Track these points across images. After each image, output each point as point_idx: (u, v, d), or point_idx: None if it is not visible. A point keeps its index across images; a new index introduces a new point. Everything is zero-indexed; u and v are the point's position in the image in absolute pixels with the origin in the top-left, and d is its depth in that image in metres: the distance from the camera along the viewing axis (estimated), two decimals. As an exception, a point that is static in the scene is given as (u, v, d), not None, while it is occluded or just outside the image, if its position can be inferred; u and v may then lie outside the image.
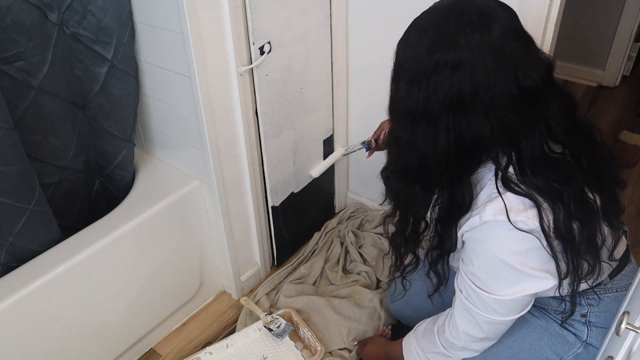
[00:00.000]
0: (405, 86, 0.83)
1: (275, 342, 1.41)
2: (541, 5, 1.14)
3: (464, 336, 0.99)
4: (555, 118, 0.83)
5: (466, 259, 0.92)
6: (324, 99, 1.57)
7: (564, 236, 0.82)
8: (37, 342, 1.16)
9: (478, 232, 0.86)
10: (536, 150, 0.82)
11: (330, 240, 1.71)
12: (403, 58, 0.84)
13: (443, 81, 0.78)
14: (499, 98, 0.78)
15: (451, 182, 0.86)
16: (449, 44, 0.77)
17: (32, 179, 1.17)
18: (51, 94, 1.21)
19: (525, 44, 0.81)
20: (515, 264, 0.84)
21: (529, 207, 0.81)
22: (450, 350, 1.05)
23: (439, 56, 0.78)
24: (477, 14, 0.78)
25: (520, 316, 0.93)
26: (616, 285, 1.02)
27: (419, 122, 0.83)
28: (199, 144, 1.29)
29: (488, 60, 0.76)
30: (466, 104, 0.78)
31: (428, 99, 0.80)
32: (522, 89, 0.78)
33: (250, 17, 1.20)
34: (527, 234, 0.81)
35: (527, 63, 0.79)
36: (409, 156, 0.86)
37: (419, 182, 0.90)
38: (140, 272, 1.34)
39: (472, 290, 0.92)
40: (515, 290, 0.87)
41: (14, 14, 1.07)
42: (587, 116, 2.50)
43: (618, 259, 0.99)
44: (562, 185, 0.82)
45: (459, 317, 0.99)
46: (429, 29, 0.80)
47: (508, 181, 0.83)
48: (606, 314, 1.01)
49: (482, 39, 0.76)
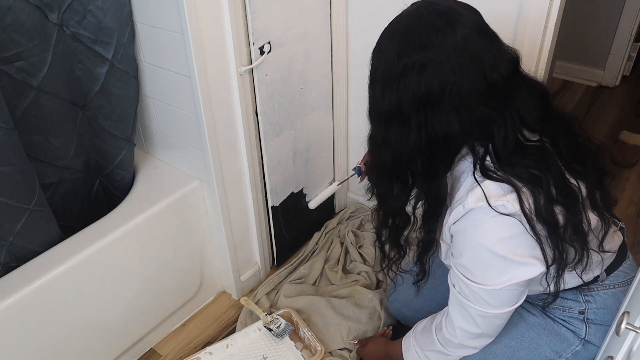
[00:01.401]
0: (379, 90, 0.88)
1: (275, 342, 1.41)
2: (541, 5, 1.14)
3: (460, 332, 1.00)
4: (527, 108, 0.87)
5: (455, 251, 0.93)
6: (324, 99, 1.57)
7: (546, 220, 0.83)
8: (37, 342, 1.16)
9: (463, 221, 0.88)
10: (510, 140, 0.85)
11: (330, 240, 1.71)
12: (377, 64, 0.89)
13: (411, 82, 0.83)
14: (467, 93, 0.82)
15: (427, 177, 0.91)
16: (415, 47, 0.82)
17: (32, 179, 1.17)
18: (51, 94, 1.21)
19: (489, 40, 0.84)
20: (501, 251, 0.85)
21: (508, 191, 0.84)
22: (447, 348, 1.05)
23: (406, 59, 0.83)
24: (439, 17, 0.83)
25: (513, 309, 0.93)
26: (614, 282, 1.02)
27: (392, 121, 0.88)
28: (199, 144, 1.29)
29: (453, 58, 0.80)
30: (435, 102, 0.83)
31: (400, 100, 0.85)
32: (489, 83, 0.82)
33: (250, 17, 1.20)
34: (509, 218, 0.83)
35: (492, 58, 0.83)
36: (384, 154, 0.91)
37: (395, 178, 0.94)
38: (140, 272, 1.34)
39: (463, 283, 0.93)
40: (504, 279, 0.87)
41: (14, 14, 1.07)
42: (587, 116, 2.50)
43: (609, 250, 0.99)
44: (540, 171, 0.85)
45: (454, 313, 0.99)
46: (396, 34, 0.85)
47: (486, 170, 0.86)
48: (604, 311, 1.02)
49: (446, 39, 0.81)
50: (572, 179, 0.89)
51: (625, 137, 2.22)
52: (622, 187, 2.01)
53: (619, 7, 2.51)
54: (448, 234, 0.93)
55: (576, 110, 2.55)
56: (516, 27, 1.20)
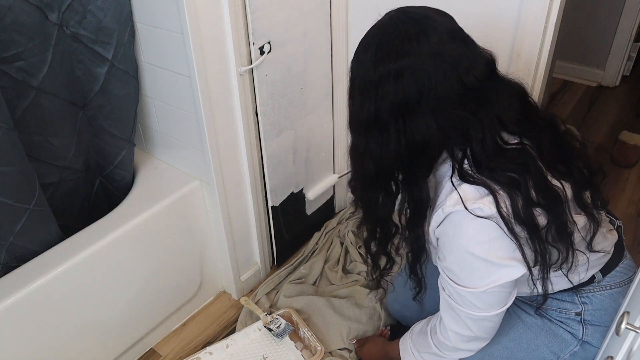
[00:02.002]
0: (358, 99, 0.89)
1: (275, 342, 1.41)
2: (541, 5, 1.14)
3: (453, 335, 1.00)
4: (505, 110, 0.87)
5: (440, 254, 0.94)
6: (324, 99, 1.57)
7: (525, 222, 0.83)
8: (37, 342, 1.16)
9: (444, 225, 0.89)
10: (488, 144, 0.86)
11: (330, 240, 1.71)
12: (355, 74, 0.90)
13: (389, 90, 0.84)
14: (444, 98, 0.82)
15: (408, 183, 0.91)
16: (390, 56, 0.83)
17: (32, 179, 1.17)
18: (51, 94, 1.21)
19: (464, 43, 0.85)
20: (481, 254, 0.86)
21: (484, 194, 0.84)
22: (442, 351, 1.05)
23: (382, 68, 0.84)
24: (412, 24, 0.84)
25: (502, 311, 0.93)
26: (610, 282, 1.02)
27: (372, 130, 0.88)
28: (199, 144, 1.29)
29: (428, 64, 0.81)
30: (412, 108, 0.84)
31: (378, 108, 0.86)
32: (466, 86, 0.83)
33: (250, 17, 1.20)
34: (486, 220, 0.83)
35: (467, 61, 0.83)
36: (367, 163, 0.92)
37: (378, 186, 0.95)
38: (140, 272, 1.34)
39: (450, 286, 0.93)
40: (487, 281, 0.88)
41: (14, 14, 1.07)
42: (587, 116, 2.50)
43: (600, 250, 0.99)
44: (519, 174, 0.85)
45: (446, 316, 0.99)
46: (371, 44, 0.87)
47: (463, 173, 0.86)
48: (601, 312, 1.02)
49: (420, 46, 0.82)
50: (555, 181, 0.88)
51: (625, 137, 2.22)
52: (622, 187, 2.01)
53: (619, 7, 2.51)
54: (434, 237, 0.94)
55: (576, 110, 2.55)
56: (516, 27, 1.20)
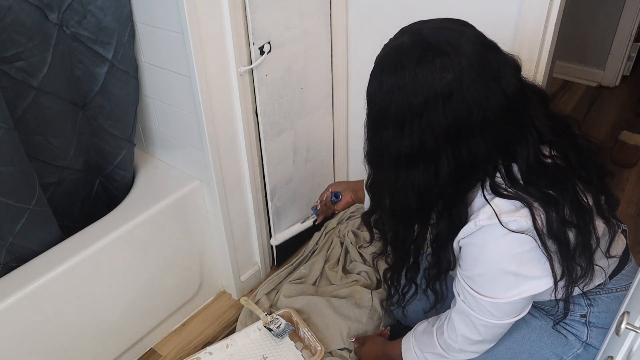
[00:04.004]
0: (392, 131, 0.81)
1: (275, 342, 1.41)
2: (541, 5, 1.14)
3: (461, 339, 1.00)
4: (539, 118, 0.84)
5: (463, 264, 0.92)
6: (324, 99, 1.57)
7: (557, 237, 0.82)
8: (37, 342, 1.16)
9: (474, 237, 0.86)
10: (532, 159, 0.82)
11: (330, 240, 1.71)
12: (382, 103, 0.81)
13: (437, 115, 0.77)
14: (492, 113, 0.78)
15: (449, 207, 0.87)
16: (433, 78, 0.76)
17: (32, 179, 1.17)
18: (51, 94, 1.21)
19: (496, 51, 0.81)
20: (511, 267, 0.85)
21: (520, 207, 0.82)
22: (448, 352, 1.05)
23: (426, 92, 0.76)
24: (445, 38, 0.77)
25: (516, 320, 0.94)
26: (616, 285, 1.02)
27: (415, 162, 0.81)
28: (199, 144, 1.29)
29: (475, 78, 0.76)
30: (463, 130, 0.78)
31: (424, 138, 0.79)
32: (508, 97, 0.79)
33: (250, 17, 1.20)
34: (521, 235, 0.81)
35: (505, 70, 0.79)
36: (407, 197, 0.85)
37: (417, 220, 0.90)
38: (140, 272, 1.34)
39: (469, 294, 0.92)
40: (513, 293, 0.87)
41: (14, 14, 1.07)
42: (587, 116, 2.50)
43: (615, 255, 0.99)
44: (557, 192, 0.82)
45: (457, 321, 0.99)
46: (404, 66, 0.78)
47: (496, 187, 0.83)
48: (606, 314, 1.01)
49: (461, 61, 0.76)
50: (583, 197, 0.86)
51: (625, 137, 2.22)
52: (622, 187, 2.01)
53: (619, 7, 2.51)
54: (457, 246, 0.92)
55: (576, 110, 2.55)
56: (516, 27, 1.20)
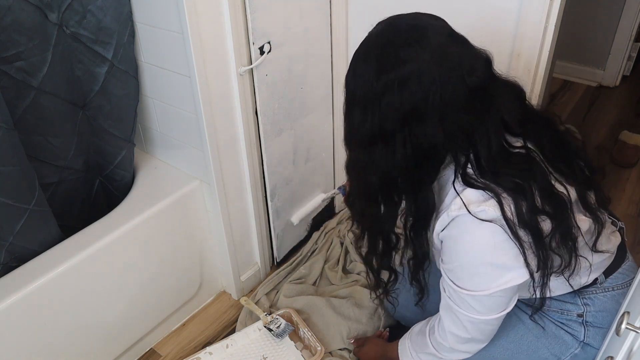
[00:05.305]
0: (359, 113, 0.87)
1: (275, 342, 1.41)
2: (541, 5, 1.14)
3: (450, 336, 1.00)
4: (508, 110, 0.86)
5: (444, 257, 0.93)
6: (324, 99, 1.57)
7: (529, 226, 0.83)
8: (37, 342, 1.16)
9: (449, 229, 0.88)
10: (494, 147, 0.85)
11: (330, 240, 1.71)
12: (353, 88, 0.87)
13: (394, 99, 0.82)
14: (450, 101, 0.81)
15: (413, 191, 0.90)
16: (393, 64, 0.81)
17: (32, 179, 1.17)
18: (51, 94, 1.21)
19: (462, 44, 0.85)
20: (487, 258, 0.85)
21: (488, 197, 0.83)
22: (440, 352, 1.05)
23: (385, 78, 0.82)
24: (411, 30, 0.83)
25: (502, 315, 0.93)
26: (612, 284, 1.02)
27: (376, 142, 0.86)
28: (199, 144, 1.29)
29: (433, 68, 0.80)
30: (420, 115, 0.82)
31: (383, 119, 0.84)
32: (469, 87, 0.81)
33: (250, 17, 1.20)
34: (492, 225, 0.82)
35: (468, 62, 0.82)
36: (370, 176, 0.90)
37: (382, 199, 0.93)
38: (140, 272, 1.34)
39: (451, 288, 0.93)
40: (492, 285, 0.87)
41: (14, 14, 1.07)
42: (587, 116, 2.50)
43: (603, 250, 0.99)
44: (525, 180, 0.84)
45: (445, 317, 1.00)
46: (370, 55, 0.84)
47: (467, 178, 0.85)
48: (603, 314, 1.01)
49: (422, 50, 0.80)
50: (560, 186, 0.88)
51: (625, 137, 2.22)
52: (622, 187, 2.01)
53: (619, 7, 2.51)
54: (438, 241, 0.93)
55: (576, 110, 2.55)
56: (516, 27, 1.20)
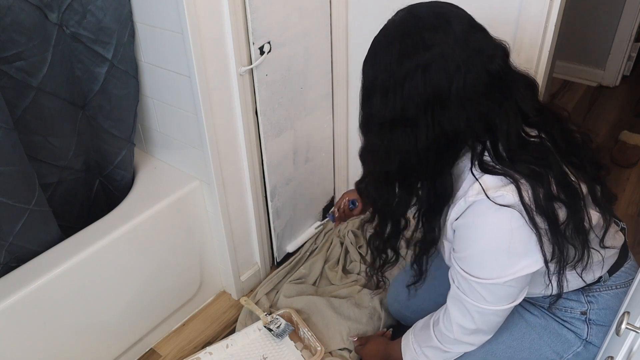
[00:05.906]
0: (379, 100, 0.87)
1: (275, 342, 1.41)
2: (541, 5, 1.14)
3: (456, 328, 1.00)
4: (524, 100, 0.87)
5: (457, 246, 0.93)
6: (324, 99, 1.57)
7: (546, 213, 0.83)
8: (37, 342, 1.16)
9: (466, 216, 0.88)
10: (513, 135, 0.85)
11: (330, 240, 1.71)
12: (373, 75, 0.88)
13: (417, 84, 0.82)
14: (473, 87, 0.82)
15: (432, 176, 0.90)
16: (417, 49, 0.82)
17: (32, 179, 1.17)
18: (51, 94, 1.21)
19: (483, 32, 0.86)
20: (501, 245, 0.85)
21: (507, 183, 0.84)
22: (443, 344, 1.05)
23: (408, 63, 0.82)
24: (434, 16, 0.84)
25: (511, 307, 0.93)
26: (616, 282, 1.02)
27: (397, 127, 0.86)
28: (199, 144, 1.29)
29: (456, 53, 0.81)
30: (443, 100, 0.82)
31: (405, 105, 0.84)
32: (491, 74, 0.83)
33: (250, 17, 1.20)
34: (509, 210, 0.82)
35: (489, 49, 0.84)
36: (389, 161, 0.90)
37: (399, 184, 0.93)
38: (140, 272, 1.34)
39: (461, 277, 0.93)
40: (505, 273, 0.87)
41: (14, 14, 1.07)
42: (587, 116, 2.50)
43: (610, 246, 0.99)
44: (541, 167, 0.85)
45: (452, 308, 1.00)
46: (393, 42, 0.84)
47: (484, 165, 0.86)
48: (606, 312, 1.02)
49: (446, 36, 0.81)
50: (572, 177, 0.89)
51: (625, 137, 2.22)
52: (622, 187, 2.01)
53: (619, 7, 2.51)
54: (450, 230, 0.93)
55: (576, 110, 2.55)
56: (516, 27, 1.20)
